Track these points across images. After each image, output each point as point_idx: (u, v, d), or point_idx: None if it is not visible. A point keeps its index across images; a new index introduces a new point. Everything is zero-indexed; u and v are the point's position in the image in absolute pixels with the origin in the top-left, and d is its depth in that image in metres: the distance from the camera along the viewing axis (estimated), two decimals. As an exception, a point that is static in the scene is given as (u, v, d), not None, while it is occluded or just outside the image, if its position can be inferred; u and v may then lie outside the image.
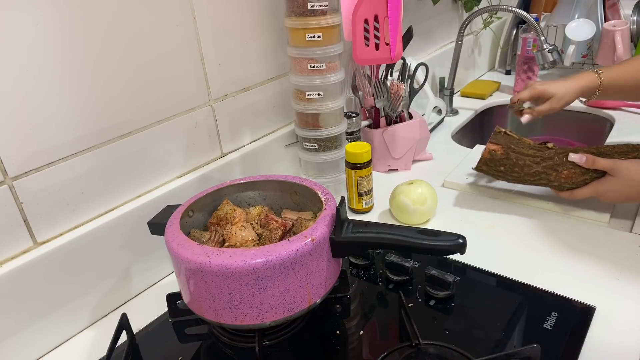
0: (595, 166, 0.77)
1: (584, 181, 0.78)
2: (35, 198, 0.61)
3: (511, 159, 0.82)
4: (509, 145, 0.82)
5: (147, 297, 0.74)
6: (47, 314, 0.63)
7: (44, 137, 0.60)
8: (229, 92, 0.83)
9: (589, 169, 0.77)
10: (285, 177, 0.70)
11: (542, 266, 0.72)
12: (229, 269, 0.52)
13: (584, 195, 0.79)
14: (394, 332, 0.63)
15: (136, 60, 0.68)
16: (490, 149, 0.83)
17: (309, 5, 0.76)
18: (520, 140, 0.82)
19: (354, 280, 0.72)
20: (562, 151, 0.80)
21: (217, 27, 0.77)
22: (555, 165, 0.79)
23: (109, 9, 0.63)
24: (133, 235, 0.71)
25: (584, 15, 1.45)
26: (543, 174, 0.80)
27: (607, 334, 0.59)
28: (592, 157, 0.77)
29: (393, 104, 1.01)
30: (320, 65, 0.81)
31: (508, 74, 1.66)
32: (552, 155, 0.80)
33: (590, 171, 0.78)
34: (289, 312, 0.57)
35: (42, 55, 0.58)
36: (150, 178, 0.74)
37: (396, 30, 0.82)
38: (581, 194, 0.79)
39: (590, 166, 0.77)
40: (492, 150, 0.83)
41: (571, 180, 0.79)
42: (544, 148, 0.81)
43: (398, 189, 0.85)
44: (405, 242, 0.57)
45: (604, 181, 0.77)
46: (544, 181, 0.81)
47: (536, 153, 0.81)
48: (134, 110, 0.69)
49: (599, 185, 0.78)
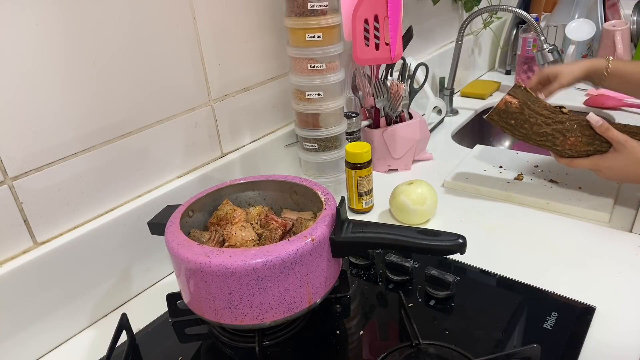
0: (606, 134, 0.77)
1: (587, 152, 0.80)
2: (35, 198, 0.61)
3: (524, 114, 0.81)
4: (525, 101, 0.81)
5: (147, 297, 0.74)
6: (47, 314, 0.63)
7: (44, 137, 0.60)
8: (229, 92, 0.83)
9: (594, 141, 0.78)
10: (285, 177, 0.70)
11: (542, 266, 0.72)
12: (229, 269, 0.52)
13: (583, 165, 0.81)
14: (394, 332, 0.63)
15: (136, 60, 0.68)
16: (507, 100, 0.82)
17: (309, 5, 0.76)
18: (537, 100, 0.82)
19: (354, 280, 0.72)
20: (574, 118, 0.80)
21: (217, 27, 0.77)
22: (564, 130, 0.79)
23: (109, 9, 0.63)
24: (133, 235, 0.71)
25: (584, 15, 1.45)
26: (550, 136, 0.80)
27: (607, 334, 0.59)
28: (607, 124, 0.77)
29: (393, 104, 1.01)
30: (320, 65, 0.81)
31: (508, 74, 1.66)
32: (564, 120, 0.80)
33: (595, 143, 0.79)
34: (289, 312, 0.57)
35: (42, 55, 0.58)
36: (150, 178, 0.74)
37: (396, 30, 0.82)
38: (580, 164, 0.81)
39: (603, 132, 0.77)
40: (508, 102, 0.81)
41: (575, 148, 0.80)
42: (558, 112, 0.81)
43: (398, 189, 0.85)
44: (405, 242, 0.57)
45: (605, 156, 0.78)
46: (549, 143, 0.81)
47: (549, 114, 0.80)
48: (134, 110, 0.69)
49: (600, 159, 0.79)
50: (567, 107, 0.83)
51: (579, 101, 1.34)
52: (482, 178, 0.95)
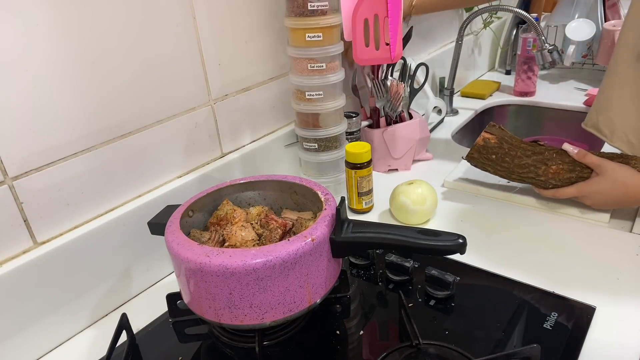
0: (584, 160, 0.78)
1: (570, 180, 0.80)
2: (35, 198, 0.61)
3: (504, 148, 0.83)
4: (502, 137, 0.84)
5: (147, 297, 0.74)
6: (47, 314, 0.63)
7: (44, 137, 0.60)
8: (229, 92, 0.83)
9: (575, 167, 0.79)
10: (285, 177, 0.70)
11: (542, 266, 0.72)
12: (229, 269, 0.52)
13: (568, 194, 0.80)
14: (394, 332, 0.63)
15: (136, 60, 0.68)
16: (484, 136, 0.85)
17: (309, 5, 0.76)
18: (513, 136, 0.85)
19: (354, 280, 0.72)
20: (552, 148, 0.82)
21: (217, 27, 0.77)
22: (545, 159, 0.81)
23: (109, 9, 0.63)
24: (133, 235, 0.71)
25: (584, 15, 1.45)
26: (532, 167, 0.81)
27: (607, 334, 0.59)
28: (584, 151, 0.78)
29: (393, 104, 1.01)
30: (320, 65, 0.81)
31: (508, 74, 1.66)
32: (543, 151, 0.81)
33: (577, 169, 0.79)
34: (289, 312, 0.57)
35: (42, 55, 0.58)
36: (150, 178, 0.74)
37: (396, 30, 0.82)
38: (565, 193, 0.80)
39: (580, 159, 0.78)
40: (486, 138, 0.84)
41: (558, 176, 0.80)
42: (535, 145, 0.83)
43: (398, 189, 0.85)
44: (405, 242, 0.57)
45: (589, 181, 0.78)
46: (532, 174, 0.82)
47: (527, 147, 0.83)
48: (134, 110, 0.69)
49: (585, 184, 0.79)
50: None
51: (579, 101, 1.34)
52: (482, 178, 0.95)
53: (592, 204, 0.80)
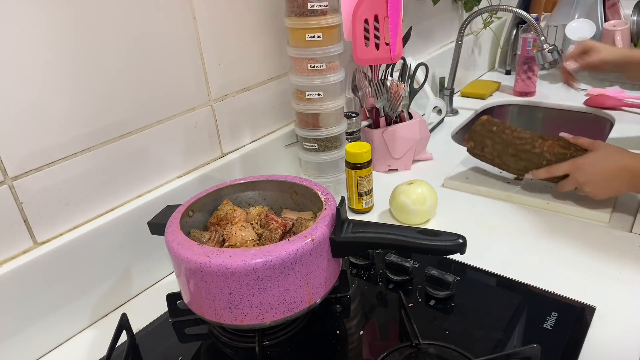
0: (579, 141, 0.82)
1: (564, 156, 0.82)
2: (35, 198, 0.61)
3: (505, 124, 0.90)
4: (502, 121, 0.91)
5: (147, 297, 0.74)
6: (47, 314, 0.63)
7: (44, 137, 0.60)
8: (229, 92, 0.83)
9: (570, 146, 0.83)
10: (285, 177, 0.70)
11: (542, 266, 0.72)
12: (229, 269, 0.52)
13: (561, 169, 0.81)
14: (394, 332, 0.63)
15: (136, 60, 0.68)
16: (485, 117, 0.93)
17: (309, 5, 0.76)
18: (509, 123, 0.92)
19: (354, 280, 0.72)
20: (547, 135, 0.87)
21: (217, 27, 0.77)
22: (541, 136, 0.86)
23: (109, 9, 0.63)
24: (133, 235, 0.71)
25: (584, 15, 1.45)
26: (529, 139, 0.86)
27: (607, 334, 0.59)
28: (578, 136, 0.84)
29: (393, 104, 1.01)
30: (320, 65, 0.81)
31: (508, 74, 1.66)
32: (537, 134, 0.87)
33: (571, 148, 0.83)
34: (289, 312, 0.57)
35: (42, 55, 0.58)
36: (150, 178, 0.74)
37: (396, 30, 0.82)
38: (559, 169, 0.82)
39: (575, 140, 0.83)
40: (488, 116, 0.93)
41: (552, 150, 0.83)
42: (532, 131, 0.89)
43: (398, 189, 0.85)
44: (405, 242, 0.57)
45: (583, 155, 0.81)
46: (528, 146, 0.85)
47: (526, 130, 0.88)
48: (134, 110, 0.69)
49: (579, 158, 0.80)
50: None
51: (579, 101, 1.34)
52: (482, 178, 0.95)
53: (585, 179, 0.79)
